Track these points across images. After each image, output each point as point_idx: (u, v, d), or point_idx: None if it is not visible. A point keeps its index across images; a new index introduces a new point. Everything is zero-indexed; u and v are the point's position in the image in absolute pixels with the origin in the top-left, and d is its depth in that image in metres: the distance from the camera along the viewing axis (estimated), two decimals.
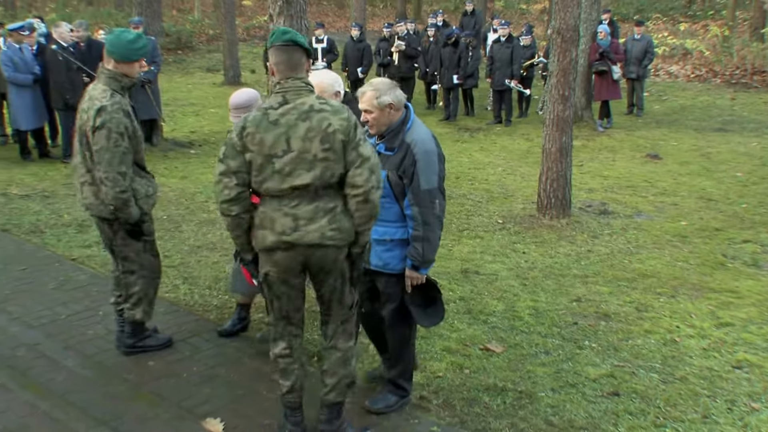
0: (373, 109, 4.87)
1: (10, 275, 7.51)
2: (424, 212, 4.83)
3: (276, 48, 4.48)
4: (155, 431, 4.93)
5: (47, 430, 4.84)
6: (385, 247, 5.03)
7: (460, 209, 11.00)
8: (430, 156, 4.85)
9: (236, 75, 24.16)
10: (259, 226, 4.48)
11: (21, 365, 5.69)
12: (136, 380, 5.58)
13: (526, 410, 5.40)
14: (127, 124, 5.37)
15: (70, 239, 8.74)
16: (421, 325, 5.14)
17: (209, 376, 5.70)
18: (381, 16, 34.72)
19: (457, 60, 18.16)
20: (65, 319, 6.59)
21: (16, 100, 13.30)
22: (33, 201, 10.19)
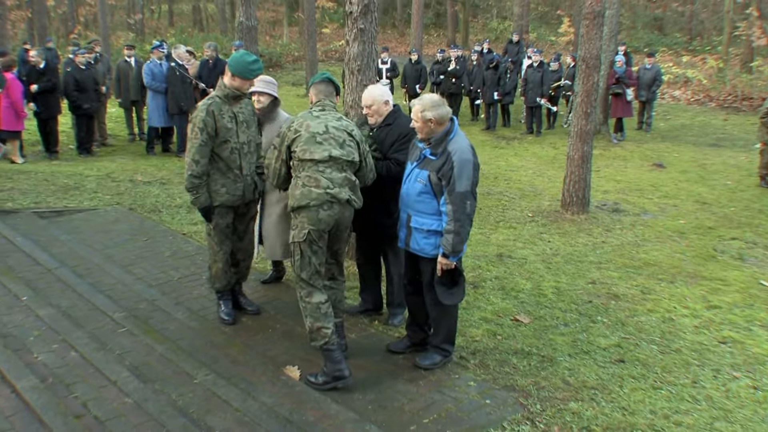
0: (418, 120, 5.00)
1: (135, 244, 7.61)
2: (456, 210, 4.85)
3: (320, 82, 5.27)
4: (245, 373, 4.97)
5: (162, 367, 4.91)
6: (423, 235, 5.07)
7: (497, 204, 10.94)
8: (466, 164, 4.88)
9: None
10: (303, 186, 4.86)
11: (143, 316, 5.77)
12: (231, 333, 5.63)
13: (547, 371, 5.37)
14: (207, 122, 5.33)
15: (181, 218, 8.84)
16: (443, 302, 5.12)
17: (289, 332, 5.73)
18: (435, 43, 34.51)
19: (497, 80, 18.09)
20: (177, 281, 6.67)
21: (151, 103, 13.71)
22: (153, 186, 10.32)
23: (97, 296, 6.06)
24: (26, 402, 4.28)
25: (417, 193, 5.03)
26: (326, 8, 39.89)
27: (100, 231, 8.04)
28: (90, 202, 9.31)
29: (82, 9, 40.85)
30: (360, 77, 6.89)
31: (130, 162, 12.85)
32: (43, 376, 4.63)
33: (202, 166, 5.41)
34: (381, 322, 6.07)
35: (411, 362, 5.32)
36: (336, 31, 38.19)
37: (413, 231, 5.12)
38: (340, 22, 38.92)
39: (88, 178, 10.57)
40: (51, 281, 6.38)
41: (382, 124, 5.61)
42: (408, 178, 5.15)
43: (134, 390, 4.49)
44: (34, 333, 5.25)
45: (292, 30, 38.96)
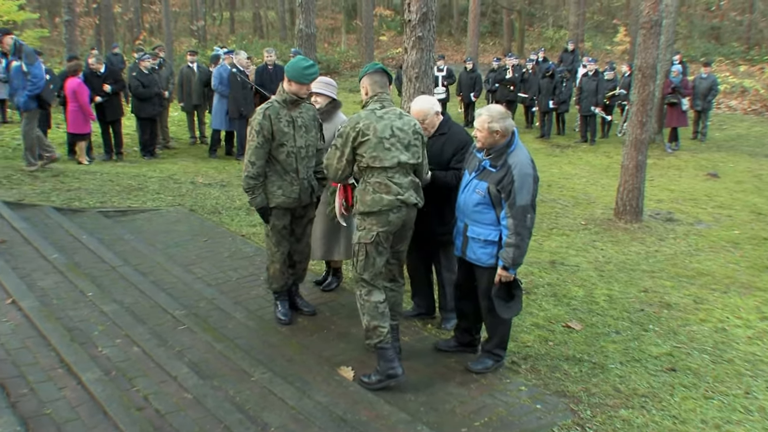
0: (483, 130, 4.95)
1: (196, 245, 7.73)
2: (517, 224, 4.82)
3: (374, 72, 5.08)
4: (300, 372, 5.02)
5: (220, 364, 4.98)
6: (480, 245, 5.05)
7: (550, 211, 10.86)
8: (527, 178, 4.84)
9: None
10: (374, 192, 4.86)
11: (202, 314, 5.86)
12: (288, 333, 5.69)
13: (598, 378, 5.32)
14: (263, 125, 5.40)
15: (240, 219, 8.92)
16: (501, 315, 5.10)
17: (344, 333, 5.77)
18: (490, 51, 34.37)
19: (552, 89, 17.99)
20: (235, 281, 6.75)
21: (216, 106, 13.94)
22: (213, 188, 10.46)
23: (159, 294, 6.17)
24: (91, 393, 4.38)
25: (474, 203, 5.01)
26: (384, 16, 40.01)
27: (161, 231, 8.19)
28: (152, 202, 9.49)
29: (147, 16, 41.61)
30: (418, 84, 6.91)
31: (191, 164, 13.07)
32: (107, 369, 4.73)
33: (258, 167, 5.48)
34: (434, 326, 6.08)
35: (463, 366, 5.31)
36: (393, 39, 38.29)
37: (470, 240, 5.10)
38: (397, 30, 38.98)
39: (151, 180, 10.78)
40: (115, 278, 6.52)
41: (436, 133, 5.61)
42: (466, 188, 5.13)
43: (193, 386, 4.57)
44: (98, 327, 5.37)
45: (350, 37, 39.18)
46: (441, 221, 5.61)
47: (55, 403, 4.26)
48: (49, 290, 6.02)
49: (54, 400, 4.29)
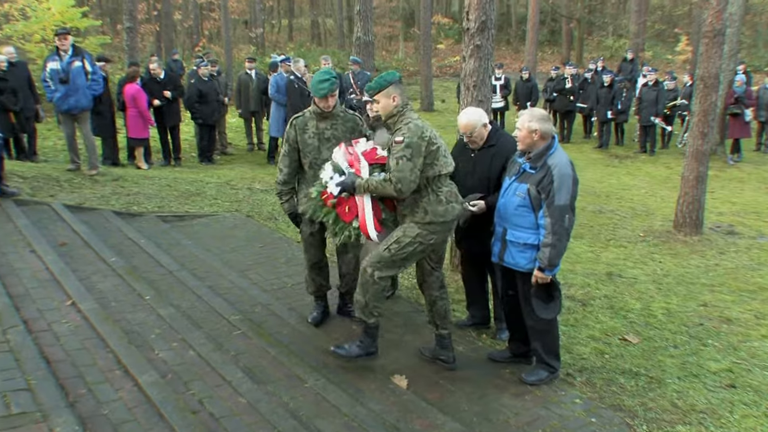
0: (523, 129, 4.99)
1: (252, 250, 7.81)
2: (555, 224, 4.82)
3: (399, 82, 4.98)
4: (354, 380, 5.04)
5: (275, 370, 5.01)
6: (518, 249, 5.05)
7: (608, 222, 10.71)
8: (566, 178, 4.84)
9: (430, 103, 24.40)
10: (447, 202, 4.91)
11: (257, 319, 5.91)
12: (342, 339, 5.71)
13: (655, 393, 5.22)
14: (289, 134, 5.57)
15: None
16: (540, 316, 5.07)
17: (398, 342, 5.76)
18: (549, 60, 34.09)
19: (611, 99, 17.77)
20: (290, 287, 6.80)
21: (274, 114, 14.13)
22: (270, 195, 10.53)
23: (215, 299, 6.25)
24: (147, 396, 4.45)
25: (515, 206, 5.02)
26: (442, 24, 40.00)
27: (218, 236, 8.29)
28: (210, 208, 9.61)
29: (206, 23, 42.33)
30: (476, 93, 6.88)
31: (248, 170, 13.22)
32: (163, 372, 4.80)
33: (285, 174, 5.66)
34: (488, 335, 6.05)
35: (517, 377, 5.28)
36: (451, 47, 38.25)
37: (509, 245, 5.11)
38: (455, 38, 38.95)
39: (208, 185, 10.92)
40: (172, 282, 6.62)
41: (485, 145, 5.58)
42: (506, 192, 5.14)
43: (248, 390, 4.61)
44: (155, 331, 5.45)
45: (408, 45, 39.29)
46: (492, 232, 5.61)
47: (112, 404, 4.34)
48: (107, 293, 6.14)
49: (111, 401, 4.36)
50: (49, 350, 4.84)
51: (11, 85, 11.81)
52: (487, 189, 5.54)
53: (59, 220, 8.00)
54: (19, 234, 7.22)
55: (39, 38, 21.08)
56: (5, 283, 5.80)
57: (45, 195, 9.14)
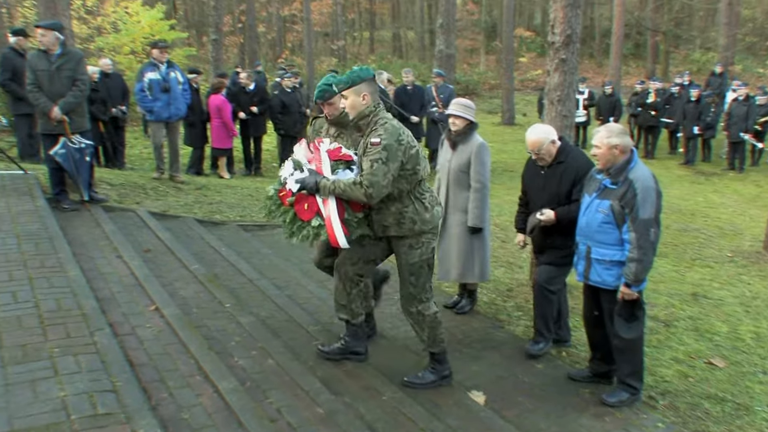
0: (601, 146, 4.91)
1: None
2: (640, 238, 4.73)
3: (373, 79, 4.78)
4: (431, 395, 5.01)
5: (352, 381, 5.01)
6: (604, 266, 4.98)
7: (693, 241, 10.43)
8: (649, 191, 4.75)
9: (511, 117, 24.30)
10: (432, 207, 4.84)
11: (335, 330, 5.89)
12: (419, 353, 5.66)
13: (742, 420, 5.05)
14: (308, 134, 5.61)
15: None
16: (621, 335, 4.96)
17: (476, 357, 5.73)
18: (633, 74, 33.48)
19: (698, 114, 17.34)
20: None
21: None
22: None
23: (294, 308, 6.32)
24: (227, 402, 4.52)
25: (598, 223, 4.95)
26: (524, 37, 39.77)
27: (297, 246, 8.28)
28: None
29: (289, 35, 43.10)
30: (560, 108, 6.82)
31: None
32: (243, 380, 4.87)
33: None
34: (568, 354, 5.95)
35: (597, 397, 5.18)
36: (533, 60, 37.98)
37: (594, 263, 5.04)
38: (537, 51, 38.67)
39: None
40: (252, 291, 6.72)
41: (554, 162, 5.53)
42: (587, 209, 5.07)
43: (325, 401, 4.64)
44: (235, 338, 5.54)
45: (489, 58, 39.16)
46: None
47: (192, 409, 4.42)
48: (189, 299, 6.27)
49: (191, 406, 4.44)
50: (133, 354, 4.96)
51: (102, 95, 12.25)
52: (558, 206, 5.49)
53: (144, 227, 8.23)
54: (106, 239, 7.45)
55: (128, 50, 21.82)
56: (93, 287, 5.98)
57: (131, 202, 9.41)
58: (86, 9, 23.34)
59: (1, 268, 6.02)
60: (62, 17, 8.82)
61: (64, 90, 8.08)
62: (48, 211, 7.85)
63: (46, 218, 7.54)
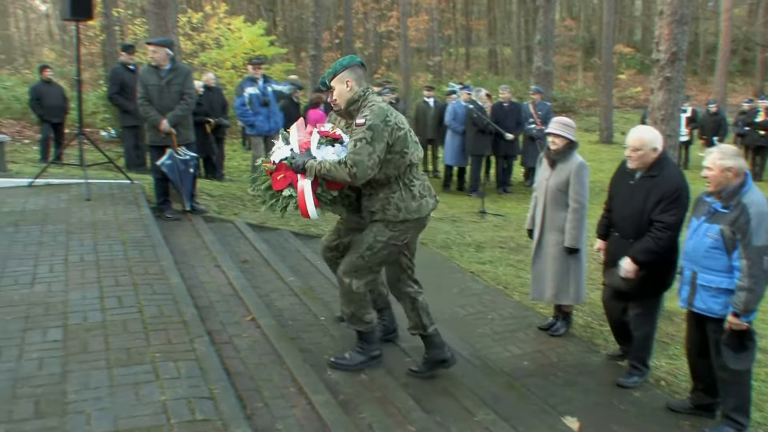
0: (714, 168, 4.72)
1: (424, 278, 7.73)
2: (752, 266, 4.52)
3: (356, 66, 4.79)
4: (524, 417, 4.94)
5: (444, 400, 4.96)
6: (710, 294, 4.78)
7: None
8: (764, 217, 4.54)
9: (609, 135, 23.85)
10: (421, 196, 4.72)
11: None
12: (512, 375, 5.65)
13: None
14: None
15: (470, 256, 8.99)
16: (729, 366, 4.76)
17: (571, 381, 5.63)
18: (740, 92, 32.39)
19: None
20: (462, 317, 6.81)
21: (449, 142, 14.30)
22: (445, 223, 10.62)
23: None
24: (319, 414, 4.55)
25: (706, 248, 4.76)
26: (624, 53, 39.04)
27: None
28: None
29: (386, 51, 43.47)
30: (663, 127, 6.67)
31: None
32: (336, 393, 4.90)
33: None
34: (668, 383, 5.78)
35: (699, 431, 5.00)
36: (633, 77, 37.24)
37: (699, 289, 4.85)
38: (637, 68, 37.90)
39: None
40: None
41: (646, 174, 5.35)
42: (695, 233, 4.89)
43: (417, 419, 4.62)
44: (329, 351, 5.58)
45: (587, 75, 38.60)
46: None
47: (285, 420, 4.47)
48: (285, 311, 6.37)
49: (285, 417, 4.50)
50: (230, 362, 5.06)
51: (205, 109, 12.63)
52: (638, 223, 5.32)
53: (242, 238, 8.42)
54: (206, 249, 7.65)
55: (230, 65, 22.44)
56: (193, 295, 6.14)
57: (230, 213, 9.65)
58: (191, 26, 24.15)
59: (108, 273, 6.27)
60: (171, 34, 9.15)
61: (173, 104, 8.40)
62: (152, 220, 8.14)
63: (150, 227, 7.82)
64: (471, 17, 48.28)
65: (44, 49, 43.41)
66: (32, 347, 4.78)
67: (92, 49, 24.83)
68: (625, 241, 5.44)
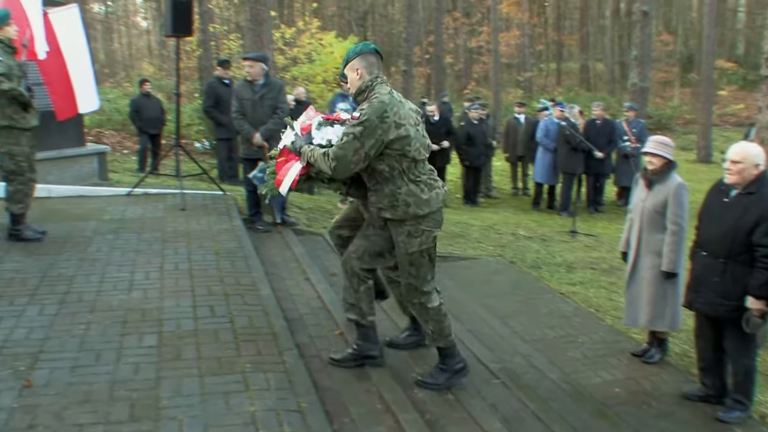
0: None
1: (514, 298, 7.81)
2: None
3: (368, 53, 4.66)
4: None
5: (532, 425, 4.88)
6: None
7: None
8: None
9: (708, 155, 23.22)
10: (430, 189, 4.62)
11: (517, 370, 5.84)
12: (603, 402, 5.51)
13: None
14: None
15: (560, 277, 8.85)
16: None
17: (667, 412, 5.44)
18: None
19: None
20: (551, 339, 6.70)
21: (540, 159, 14.18)
22: (534, 242, 10.51)
23: (475, 344, 6.26)
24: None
25: None
26: (725, 69, 37.89)
27: (480, 280, 8.37)
28: (473, 251, 9.75)
29: (476, 66, 43.41)
30: None
31: (512, 215, 13.29)
32: (422, 412, 4.89)
33: None
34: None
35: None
36: (734, 94, 36.05)
37: None
38: (739, 84, 36.74)
39: (472, 228, 11.09)
40: None
41: (743, 191, 5.13)
42: None
43: None
44: (415, 369, 5.54)
45: (684, 91, 37.63)
46: (726, 296, 5.17)
47: None
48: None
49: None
50: (318, 376, 5.10)
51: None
52: (730, 243, 5.09)
53: (331, 251, 8.49)
54: (296, 261, 7.76)
55: (320, 80, 22.79)
56: (282, 307, 6.23)
57: (319, 226, 9.76)
58: (284, 41, 24.61)
59: (201, 282, 6.43)
60: (266, 49, 9.37)
61: (266, 117, 8.57)
62: (243, 231, 8.31)
63: (242, 238, 7.99)
64: (563, 32, 47.77)
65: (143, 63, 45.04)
66: (129, 351, 4.94)
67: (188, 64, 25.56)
68: (714, 262, 5.21)
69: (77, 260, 6.94)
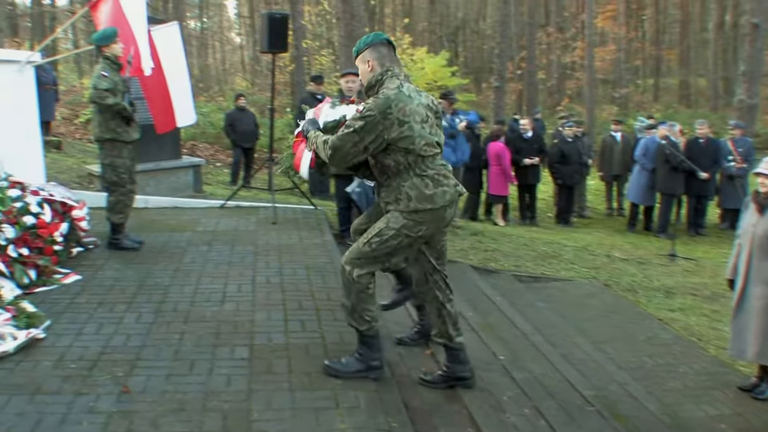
0: None
1: (609, 322, 7.63)
2: None
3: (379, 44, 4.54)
4: None
5: None
6: None
7: None
8: None
9: None
10: (435, 185, 4.44)
11: (612, 398, 5.68)
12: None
13: None
14: None
15: (658, 302, 8.61)
16: None
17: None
18: None
19: None
20: (650, 368, 6.51)
21: (635, 178, 13.89)
22: (630, 265, 10.27)
23: (569, 369, 6.14)
24: None
25: None
26: None
27: (574, 303, 8.22)
28: (566, 272, 9.59)
29: (569, 82, 42.83)
30: None
31: (606, 236, 13.02)
32: None
33: None
34: None
35: None
36: None
37: None
38: None
39: (565, 248, 10.91)
40: (526, 345, 6.63)
41: None
42: None
43: None
44: (507, 393, 5.47)
45: None
46: None
47: None
48: None
49: None
50: (408, 396, 5.07)
51: None
52: None
53: None
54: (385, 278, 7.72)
55: None
56: None
57: None
58: None
59: (292, 296, 6.49)
60: None
61: None
62: (334, 246, 8.37)
63: (332, 253, 8.04)
64: (661, 46, 46.72)
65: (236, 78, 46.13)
66: (221, 363, 5.01)
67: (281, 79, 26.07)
68: None
69: (172, 270, 7.13)
